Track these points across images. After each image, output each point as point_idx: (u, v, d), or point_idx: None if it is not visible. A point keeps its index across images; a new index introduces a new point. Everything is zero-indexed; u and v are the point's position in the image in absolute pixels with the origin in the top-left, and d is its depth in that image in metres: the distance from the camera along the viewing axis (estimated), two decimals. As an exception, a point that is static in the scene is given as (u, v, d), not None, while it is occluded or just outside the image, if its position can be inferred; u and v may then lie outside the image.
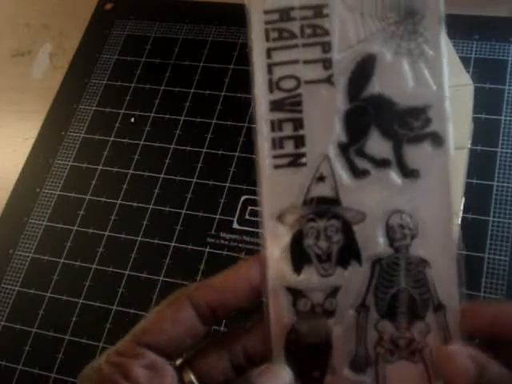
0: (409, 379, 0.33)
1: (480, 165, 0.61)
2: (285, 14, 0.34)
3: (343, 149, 0.33)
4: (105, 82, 0.75)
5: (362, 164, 0.33)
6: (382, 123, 0.33)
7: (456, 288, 0.34)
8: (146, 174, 0.68)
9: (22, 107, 0.78)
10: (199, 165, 0.67)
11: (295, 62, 0.33)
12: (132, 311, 0.61)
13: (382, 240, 0.33)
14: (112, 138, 0.71)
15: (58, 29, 0.82)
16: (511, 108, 0.63)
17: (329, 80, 0.33)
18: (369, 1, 0.32)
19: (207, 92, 0.71)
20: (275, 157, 0.33)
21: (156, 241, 0.64)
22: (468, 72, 0.61)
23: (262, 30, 0.34)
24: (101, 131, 0.72)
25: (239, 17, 0.82)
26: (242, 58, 0.73)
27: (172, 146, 0.69)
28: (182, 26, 0.77)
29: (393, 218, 0.33)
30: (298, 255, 0.33)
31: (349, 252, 0.33)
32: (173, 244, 0.64)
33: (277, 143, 0.33)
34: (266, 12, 0.34)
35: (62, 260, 0.65)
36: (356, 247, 0.33)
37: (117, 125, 0.72)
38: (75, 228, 0.67)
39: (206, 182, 0.66)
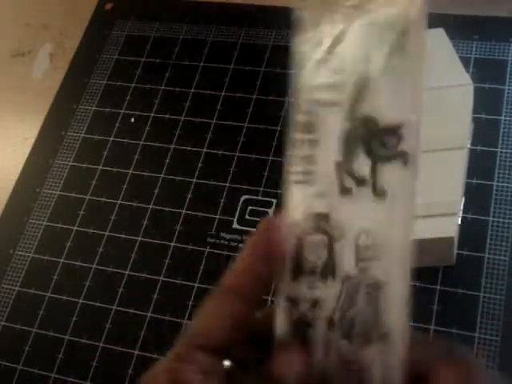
0: None
1: (480, 165, 0.61)
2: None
3: (339, 167, 0.33)
4: (105, 82, 0.75)
5: (348, 182, 0.33)
6: (366, 142, 0.33)
7: (403, 313, 0.33)
8: (145, 174, 0.68)
9: (22, 107, 0.78)
10: (199, 165, 0.67)
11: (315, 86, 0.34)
12: (132, 311, 0.61)
13: (352, 258, 0.33)
14: (112, 138, 0.71)
15: (58, 29, 0.82)
16: (511, 108, 0.63)
17: (336, 103, 0.33)
18: None
19: (207, 92, 0.71)
20: (295, 173, 0.34)
21: (156, 241, 0.64)
22: (468, 72, 0.61)
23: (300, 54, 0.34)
24: (101, 131, 0.72)
25: (239, 17, 0.82)
26: (242, 58, 0.73)
27: (172, 146, 0.69)
28: (182, 26, 0.77)
29: (361, 238, 0.33)
30: (297, 266, 0.33)
31: (328, 267, 0.33)
32: (173, 244, 0.64)
33: (296, 160, 0.34)
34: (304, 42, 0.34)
35: (62, 260, 0.65)
36: (333, 262, 0.33)
37: (117, 125, 0.72)
38: (75, 228, 0.67)
39: (206, 181, 0.66)
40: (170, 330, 0.59)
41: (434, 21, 0.67)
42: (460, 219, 0.56)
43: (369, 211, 0.32)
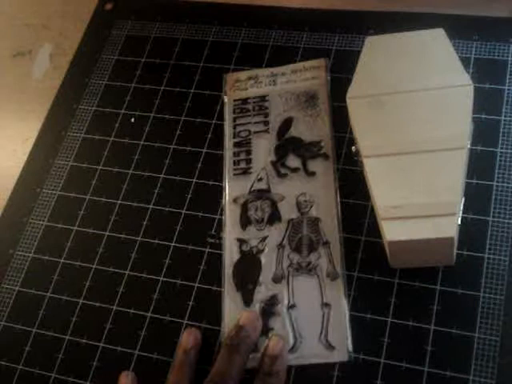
0: (308, 286, 0.58)
1: (480, 165, 0.61)
2: (244, 100, 0.69)
3: (273, 164, 0.64)
4: (105, 82, 0.75)
5: (283, 171, 0.64)
6: (295, 149, 0.65)
7: (336, 231, 0.60)
8: (145, 174, 0.68)
9: (22, 107, 0.78)
10: (199, 165, 0.67)
11: (249, 123, 0.67)
12: (132, 311, 0.61)
13: (294, 209, 0.62)
14: (112, 138, 0.71)
15: (58, 29, 0.83)
16: (511, 108, 0.63)
17: (267, 131, 0.66)
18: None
19: (207, 92, 0.71)
20: (234, 169, 0.65)
21: (156, 241, 0.64)
22: (468, 72, 0.61)
23: (232, 108, 0.68)
24: (101, 131, 0.72)
25: (239, 17, 0.82)
26: (242, 59, 0.73)
27: (172, 146, 0.69)
28: (182, 26, 0.77)
29: (300, 197, 0.62)
30: (244, 220, 0.62)
31: (274, 217, 0.62)
32: (173, 244, 0.64)
33: (236, 162, 0.65)
34: (235, 100, 0.69)
35: (62, 260, 0.65)
36: (279, 214, 0.62)
37: (117, 125, 0.72)
38: (75, 228, 0.67)
39: (206, 181, 0.66)
40: (170, 330, 0.59)
41: (434, 21, 0.68)
42: (460, 219, 0.56)
43: (304, 184, 0.63)
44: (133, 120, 0.72)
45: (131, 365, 0.59)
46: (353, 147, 0.61)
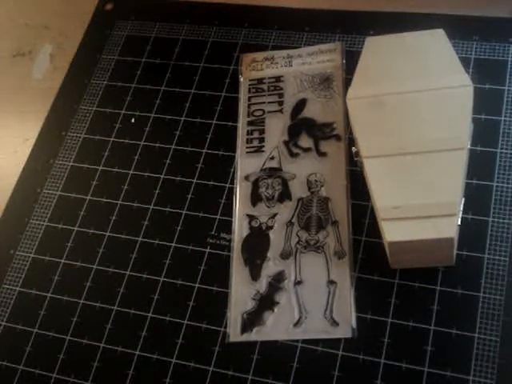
0: (315, 263, 0.59)
1: (480, 165, 0.61)
2: (260, 80, 0.70)
3: (286, 143, 0.66)
4: (105, 82, 0.75)
5: (296, 150, 0.65)
6: (308, 130, 0.66)
7: (345, 211, 0.61)
8: (146, 174, 0.68)
9: (22, 107, 0.78)
10: (199, 165, 0.67)
11: (263, 102, 0.69)
12: (132, 311, 0.61)
13: (304, 188, 0.63)
14: (112, 139, 0.71)
15: (58, 29, 0.83)
16: (511, 108, 0.63)
17: (281, 111, 0.68)
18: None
19: (207, 92, 0.71)
20: (247, 147, 0.66)
21: (156, 241, 0.64)
22: (468, 72, 0.61)
23: (247, 88, 0.69)
24: (101, 132, 0.72)
25: (239, 17, 0.82)
26: (242, 59, 0.73)
27: (172, 147, 0.69)
28: (182, 26, 0.77)
29: (310, 177, 0.63)
30: (255, 197, 0.64)
31: (284, 195, 0.63)
32: (173, 244, 0.64)
33: (249, 140, 0.67)
34: (250, 79, 0.70)
35: (63, 260, 0.65)
36: (289, 192, 0.63)
37: (117, 125, 0.72)
38: (76, 228, 0.67)
39: (206, 182, 0.66)
40: (171, 331, 0.59)
41: (434, 21, 0.68)
42: (460, 219, 0.56)
43: (315, 164, 0.64)
44: (133, 120, 0.72)
45: (131, 365, 0.59)
46: (353, 148, 0.61)
